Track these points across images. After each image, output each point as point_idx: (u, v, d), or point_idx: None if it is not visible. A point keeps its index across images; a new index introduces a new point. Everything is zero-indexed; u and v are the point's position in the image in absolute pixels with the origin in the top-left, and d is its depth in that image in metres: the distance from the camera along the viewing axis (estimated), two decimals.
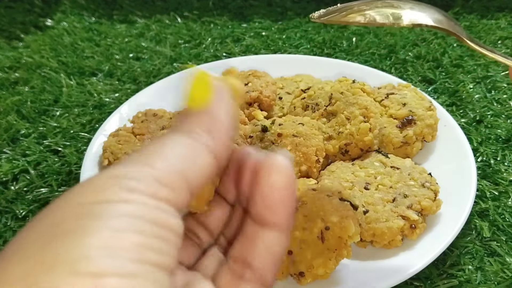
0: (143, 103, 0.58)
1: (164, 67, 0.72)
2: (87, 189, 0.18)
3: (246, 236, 0.22)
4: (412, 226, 0.42)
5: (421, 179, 0.45)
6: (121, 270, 0.16)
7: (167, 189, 0.18)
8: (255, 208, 0.21)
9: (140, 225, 0.17)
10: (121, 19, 0.86)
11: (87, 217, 0.16)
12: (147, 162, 0.19)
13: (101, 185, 0.18)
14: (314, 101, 0.53)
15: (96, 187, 0.18)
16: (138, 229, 0.17)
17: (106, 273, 0.15)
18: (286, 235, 0.21)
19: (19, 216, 0.50)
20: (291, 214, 0.21)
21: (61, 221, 0.16)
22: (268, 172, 0.21)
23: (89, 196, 0.17)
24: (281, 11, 0.85)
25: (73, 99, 0.66)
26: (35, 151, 0.57)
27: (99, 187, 0.18)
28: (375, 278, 0.39)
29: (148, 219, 0.17)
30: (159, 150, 0.19)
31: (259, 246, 0.21)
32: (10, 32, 0.83)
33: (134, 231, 0.17)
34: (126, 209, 0.17)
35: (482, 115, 0.59)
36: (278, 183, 0.21)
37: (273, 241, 0.21)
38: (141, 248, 0.16)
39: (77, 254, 0.15)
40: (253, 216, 0.21)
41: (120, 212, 0.17)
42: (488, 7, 0.82)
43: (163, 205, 0.18)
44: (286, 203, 0.21)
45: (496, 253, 0.44)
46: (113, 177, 0.18)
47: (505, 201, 0.49)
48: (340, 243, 0.37)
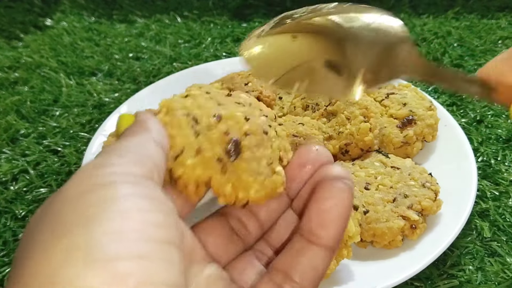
0: (143, 103, 0.58)
1: (164, 66, 0.72)
2: (81, 180, 0.18)
3: (293, 249, 0.22)
4: (412, 226, 0.41)
5: (421, 179, 0.45)
6: (130, 252, 0.16)
7: (146, 169, 0.19)
8: (309, 224, 0.22)
9: (140, 202, 0.17)
10: (120, 18, 0.86)
11: (90, 206, 0.17)
12: (120, 154, 0.20)
13: (92, 174, 0.18)
14: (314, 101, 0.53)
15: (88, 177, 0.18)
16: (140, 207, 0.17)
17: (118, 257, 0.16)
18: (333, 254, 0.22)
19: (19, 216, 0.50)
20: (342, 235, 0.22)
21: (65, 214, 0.17)
22: (329, 192, 0.22)
23: (84, 185, 0.18)
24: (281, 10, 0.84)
25: (73, 99, 0.66)
26: (35, 151, 0.57)
27: (91, 176, 0.18)
28: (376, 278, 0.39)
29: (144, 196, 0.18)
30: (121, 146, 0.20)
31: (304, 262, 0.21)
32: (9, 32, 0.82)
33: (137, 210, 0.17)
34: (123, 191, 0.17)
35: (483, 115, 0.59)
36: (337, 207, 0.21)
37: (319, 259, 0.21)
38: (145, 226, 0.17)
39: (88, 244, 0.16)
40: (304, 231, 0.22)
41: (119, 194, 0.17)
42: (488, 6, 0.82)
43: (150, 182, 0.19)
44: (340, 224, 0.22)
45: (497, 253, 0.44)
46: (98, 166, 0.19)
47: (505, 201, 0.48)
48: (340, 243, 0.37)
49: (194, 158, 0.22)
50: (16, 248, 0.47)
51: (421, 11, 0.83)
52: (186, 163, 0.22)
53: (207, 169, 0.22)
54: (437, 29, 0.77)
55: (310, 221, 0.22)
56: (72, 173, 0.54)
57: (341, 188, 0.22)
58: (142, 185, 0.18)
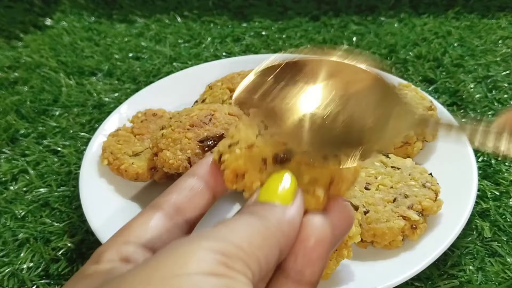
0: (143, 103, 0.58)
1: (163, 66, 0.72)
2: (171, 261, 0.18)
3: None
4: (412, 226, 0.41)
5: (421, 179, 0.45)
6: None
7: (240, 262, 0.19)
8: (295, 265, 0.22)
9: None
10: (120, 18, 0.86)
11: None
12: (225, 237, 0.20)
13: (186, 255, 0.18)
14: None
15: (179, 259, 0.18)
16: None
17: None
18: None
19: (18, 216, 0.50)
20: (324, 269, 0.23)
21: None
22: (311, 229, 0.22)
23: (175, 268, 0.18)
24: (281, 10, 0.85)
25: (73, 99, 0.66)
26: (35, 151, 0.57)
27: (183, 259, 0.18)
28: (376, 279, 0.39)
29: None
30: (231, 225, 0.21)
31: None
32: (9, 32, 0.82)
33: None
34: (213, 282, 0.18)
35: (483, 114, 0.59)
36: (320, 244, 0.22)
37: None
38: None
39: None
40: (291, 271, 0.22)
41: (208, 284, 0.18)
42: (488, 6, 0.82)
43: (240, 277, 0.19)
44: (325, 262, 0.22)
45: (497, 253, 0.44)
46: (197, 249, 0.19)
47: (506, 201, 0.48)
48: (341, 243, 0.37)
49: (243, 150, 0.25)
50: (15, 248, 0.47)
51: (421, 11, 0.82)
52: (234, 151, 0.25)
53: (248, 163, 0.24)
54: (437, 28, 0.77)
55: (296, 261, 0.22)
56: (72, 173, 0.54)
57: (320, 222, 0.23)
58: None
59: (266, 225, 0.21)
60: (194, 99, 0.59)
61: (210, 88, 0.59)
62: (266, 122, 0.25)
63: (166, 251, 0.19)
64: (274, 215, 0.22)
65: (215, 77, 0.60)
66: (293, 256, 0.22)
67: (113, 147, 0.50)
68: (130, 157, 0.50)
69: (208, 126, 0.47)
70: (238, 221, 0.21)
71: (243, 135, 0.25)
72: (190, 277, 0.17)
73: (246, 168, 0.24)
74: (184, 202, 0.24)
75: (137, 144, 0.51)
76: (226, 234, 0.20)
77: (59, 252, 0.46)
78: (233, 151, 0.25)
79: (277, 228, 0.22)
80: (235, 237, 0.20)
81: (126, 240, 0.22)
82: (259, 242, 0.20)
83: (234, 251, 0.19)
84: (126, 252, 0.22)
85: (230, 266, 0.19)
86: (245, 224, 0.21)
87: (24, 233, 0.48)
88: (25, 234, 0.48)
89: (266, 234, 0.21)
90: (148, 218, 0.23)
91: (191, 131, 0.46)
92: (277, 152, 0.24)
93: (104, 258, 0.21)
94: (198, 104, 0.57)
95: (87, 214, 0.45)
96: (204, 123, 0.47)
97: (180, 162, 0.45)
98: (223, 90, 0.57)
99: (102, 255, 0.21)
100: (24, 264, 0.45)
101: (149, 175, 0.48)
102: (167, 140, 0.46)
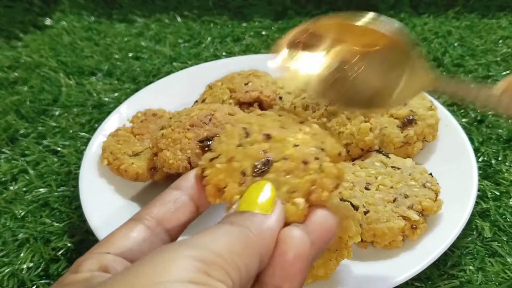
0: (143, 102, 0.58)
1: (163, 66, 0.72)
2: (157, 267, 0.18)
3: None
4: (413, 226, 0.41)
5: (422, 179, 0.45)
6: None
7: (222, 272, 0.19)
8: (274, 280, 0.22)
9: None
10: (120, 18, 0.86)
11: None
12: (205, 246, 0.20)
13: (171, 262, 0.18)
14: (315, 100, 0.53)
15: (159, 266, 0.18)
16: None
17: None
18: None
19: (18, 216, 0.50)
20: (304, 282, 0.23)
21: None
22: (290, 244, 0.22)
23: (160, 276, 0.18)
24: (281, 10, 0.85)
25: (72, 99, 0.66)
26: (34, 151, 0.57)
27: (163, 266, 0.18)
28: (376, 279, 0.39)
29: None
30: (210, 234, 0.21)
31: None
32: (9, 32, 0.82)
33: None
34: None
35: (483, 115, 0.59)
36: (299, 258, 0.22)
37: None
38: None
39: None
40: (267, 286, 0.22)
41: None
42: (489, 6, 0.82)
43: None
44: (304, 275, 0.22)
45: (497, 253, 0.44)
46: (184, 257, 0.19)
47: (506, 201, 0.48)
48: (341, 243, 0.37)
49: (223, 164, 0.25)
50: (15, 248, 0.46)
51: (421, 11, 0.82)
52: (215, 166, 0.25)
53: (228, 177, 0.25)
54: (437, 28, 0.77)
55: (274, 276, 0.22)
56: (72, 173, 0.54)
57: (299, 235, 0.22)
58: None
59: (246, 233, 0.21)
60: (194, 99, 0.59)
61: (210, 88, 0.59)
62: (249, 130, 0.26)
63: (147, 259, 0.19)
64: (254, 223, 0.22)
65: (215, 77, 0.60)
66: (271, 270, 0.22)
67: (113, 147, 0.50)
68: (130, 157, 0.50)
69: (208, 126, 0.47)
70: (218, 230, 0.21)
71: (224, 148, 0.26)
72: (170, 285, 0.17)
73: (227, 182, 0.25)
74: (167, 215, 0.24)
75: (137, 144, 0.51)
76: (206, 242, 0.20)
77: (59, 252, 0.46)
78: (214, 166, 0.25)
79: (257, 237, 0.21)
80: (215, 246, 0.20)
81: (106, 250, 0.22)
82: (239, 250, 0.20)
83: (214, 259, 0.19)
84: (105, 262, 0.21)
85: (210, 274, 0.18)
86: (225, 232, 0.21)
87: (24, 233, 0.48)
88: (25, 234, 0.48)
89: (246, 243, 0.21)
90: (129, 230, 0.23)
91: (191, 131, 0.46)
92: (256, 164, 0.24)
93: (84, 268, 0.21)
94: (198, 104, 0.57)
95: (87, 214, 0.45)
96: (204, 123, 0.47)
97: (180, 162, 0.45)
98: (223, 90, 0.57)
99: (81, 265, 0.21)
100: (24, 264, 0.45)
101: (149, 175, 0.48)
102: (167, 140, 0.46)
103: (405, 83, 0.28)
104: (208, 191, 0.25)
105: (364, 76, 0.29)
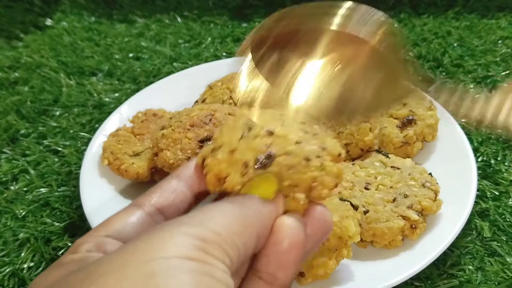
0: (143, 103, 0.58)
1: (164, 66, 0.72)
2: (148, 246, 0.18)
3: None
4: (412, 226, 0.41)
5: (421, 179, 0.45)
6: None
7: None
8: (268, 267, 0.22)
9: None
10: (120, 18, 0.86)
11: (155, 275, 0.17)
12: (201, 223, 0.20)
13: (162, 241, 0.18)
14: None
15: (156, 243, 0.18)
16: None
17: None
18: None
19: (19, 216, 0.50)
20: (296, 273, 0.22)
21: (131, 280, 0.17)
22: (285, 232, 0.22)
23: (151, 253, 0.18)
24: None
25: (73, 99, 0.66)
26: (35, 151, 0.57)
27: (160, 243, 0.18)
28: (376, 278, 0.39)
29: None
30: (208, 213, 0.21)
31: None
32: (9, 32, 0.82)
33: None
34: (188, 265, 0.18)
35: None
36: (293, 247, 0.22)
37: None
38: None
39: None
40: (263, 273, 0.22)
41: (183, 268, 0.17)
42: (488, 6, 0.82)
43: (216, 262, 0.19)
44: (297, 266, 0.22)
45: (497, 253, 0.44)
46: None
47: (505, 201, 0.48)
48: (340, 243, 0.37)
49: (225, 154, 0.25)
50: (15, 247, 0.47)
51: (421, 11, 0.82)
52: (217, 156, 0.25)
53: (230, 167, 0.25)
54: (437, 29, 0.77)
55: (268, 264, 0.22)
56: (72, 173, 0.54)
57: (294, 225, 0.22)
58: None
59: (245, 212, 0.21)
60: (194, 99, 0.59)
61: (210, 88, 0.59)
62: (252, 125, 0.25)
63: (143, 236, 0.19)
64: (254, 204, 0.22)
65: (215, 77, 0.60)
66: (266, 258, 0.22)
67: (114, 147, 0.50)
68: (131, 157, 0.50)
69: (208, 126, 0.47)
70: (217, 208, 0.21)
71: (226, 139, 0.26)
72: (167, 261, 0.17)
73: (228, 172, 0.25)
74: (165, 203, 0.24)
75: (138, 144, 0.52)
76: (205, 220, 0.20)
77: (59, 252, 0.46)
78: (215, 156, 0.25)
79: (257, 217, 0.21)
80: (214, 224, 0.20)
81: (105, 233, 0.22)
82: (239, 229, 0.20)
83: (213, 238, 0.19)
84: (103, 243, 0.22)
85: (209, 252, 0.18)
86: (224, 211, 0.21)
87: (25, 233, 0.48)
88: (26, 234, 0.48)
89: (246, 222, 0.21)
90: (128, 215, 0.24)
91: (191, 131, 0.47)
92: (258, 157, 0.24)
93: (82, 249, 0.21)
94: (198, 104, 0.57)
95: (87, 214, 0.45)
96: (204, 123, 0.47)
97: (180, 162, 0.45)
98: (223, 90, 0.57)
99: (80, 246, 0.21)
100: (24, 264, 0.45)
101: (149, 175, 0.49)
102: (168, 140, 0.47)
103: (384, 91, 0.27)
104: (209, 180, 0.25)
105: (346, 87, 0.27)
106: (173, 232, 0.19)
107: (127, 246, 0.18)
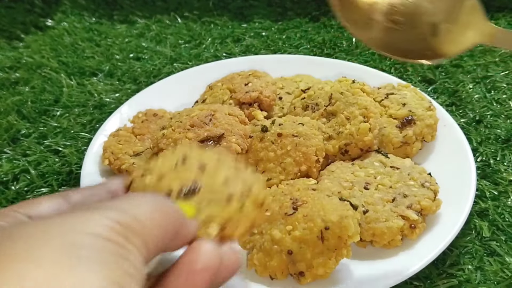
0: (144, 103, 0.58)
1: (164, 67, 0.72)
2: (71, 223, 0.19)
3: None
4: (411, 226, 0.42)
5: (420, 179, 0.45)
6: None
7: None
8: (174, 283, 0.21)
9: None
10: (121, 19, 0.86)
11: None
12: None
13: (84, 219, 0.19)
14: (314, 101, 0.53)
15: (79, 220, 0.19)
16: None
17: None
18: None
19: None
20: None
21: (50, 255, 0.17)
22: (198, 260, 0.22)
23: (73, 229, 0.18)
24: (281, 11, 0.85)
25: (74, 99, 0.66)
26: (36, 151, 0.58)
27: (83, 221, 0.19)
28: (375, 278, 0.39)
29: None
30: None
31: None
32: (10, 32, 0.83)
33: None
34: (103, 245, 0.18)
35: (482, 115, 0.59)
36: (203, 274, 0.22)
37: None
38: None
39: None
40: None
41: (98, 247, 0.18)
42: (487, 7, 0.82)
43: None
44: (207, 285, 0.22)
45: (496, 252, 0.44)
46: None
47: (504, 201, 0.49)
48: (340, 242, 0.37)
49: (153, 179, 0.26)
50: None
51: None
52: (144, 180, 0.26)
53: (154, 192, 0.25)
54: None
55: (177, 280, 0.21)
56: (73, 173, 0.54)
57: (211, 250, 0.22)
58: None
59: (168, 209, 0.22)
60: (194, 99, 0.59)
61: (210, 89, 0.59)
62: (187, 157, 0.27)
63: (70, 212, 0.20)
64: (175, 206, 0.23)
65: (215, 78, 0.60)
66: (176, 273, 0.22)
67: (114, 147, 0.50)
68: (131, 157, 0.50)
69: (208, 126, 0.47)
70: (143, 198, 0.21)
71: (158, 166, 0.27)
72: (85, 236, 0.18)
73: None
74: (86, 202, 0.25)
75: (138, 144, 0.52)
76: (129, 208, 0.20)
77: None
78: (143, 180, 0.26)
79: (177, 217, 0.22)
80: (137, 211, 0.20)
81: (23, 211, 0.23)
82: (160, 221, 0.21)
83: (135, 225, 0.19)
84: (21, 218, 0.22)
85: (128, 238, 0.19)
86: (148, 201, 0.21)
87: None
88: None
89: (167, 216, 0.21)
90: (50, 201, 0.24)
91: (192, 131, 0.47)
92: (183, 187, 0.25)
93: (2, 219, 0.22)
94: (198, 104, 0.58)
95: None
96: (205, 123, 0.47)
97: None
98: (223, 90, 0.57)
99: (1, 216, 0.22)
100: None
101: None
102: (168, 140, 0.47)
103: (460, 31, 0.27)
104: None
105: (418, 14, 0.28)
106: (96, 213, 0.19)
107: (54, 218, 0.19)
